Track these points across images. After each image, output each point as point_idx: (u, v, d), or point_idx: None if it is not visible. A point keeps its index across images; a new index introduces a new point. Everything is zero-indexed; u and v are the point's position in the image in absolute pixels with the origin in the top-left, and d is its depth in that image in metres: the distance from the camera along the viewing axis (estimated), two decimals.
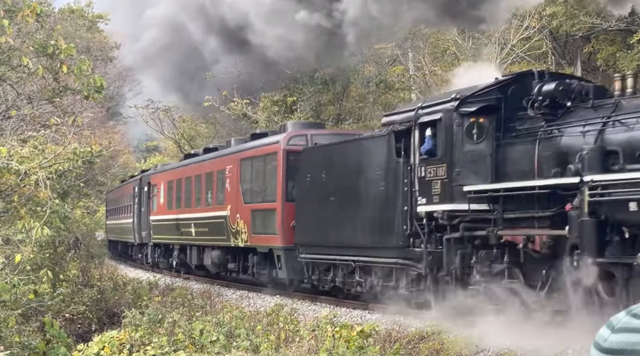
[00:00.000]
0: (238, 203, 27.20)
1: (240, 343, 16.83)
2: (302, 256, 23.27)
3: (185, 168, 34.41)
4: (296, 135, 24.79)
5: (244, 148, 27.78)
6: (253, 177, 26.59)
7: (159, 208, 37.10)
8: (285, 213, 24.23)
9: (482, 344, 15.76)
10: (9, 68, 17.56)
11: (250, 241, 26.25)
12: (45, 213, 14.65)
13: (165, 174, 37.52)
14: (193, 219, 31.79)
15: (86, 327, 23.81)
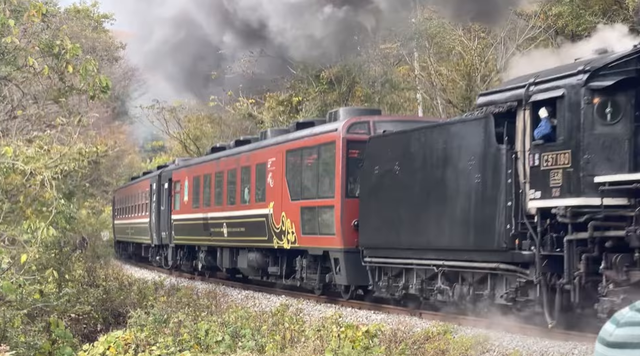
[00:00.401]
0: (284, 200, 24.53)
1: (245, 344, 16.83)
2: (368, 259, 20.45)
3: (215, 162, 31.17)
4: (357, 123, 21.91)
5: (290, 139, 24.72)
6: (303, 171, 23.79)
7: (183, 206, 34.14)
8: (346, 210, 21.41)
9: (488, 344, 15.75)
10: (14, 68, 17.58)
11: (299, 242, 23.50)
12: (50, 214, 14.66)
13: (190, 170, 34.20)
14: (225, 218, 29.01)
15: (92, 327, 23.80)
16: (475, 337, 16.02)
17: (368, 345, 14.75)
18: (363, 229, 20.84)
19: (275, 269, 25.67)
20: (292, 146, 24.53)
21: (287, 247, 24.14)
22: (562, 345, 14.70)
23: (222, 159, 30.39)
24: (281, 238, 24.43)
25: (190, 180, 33.41)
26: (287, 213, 24.16)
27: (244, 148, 28.83)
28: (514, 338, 15.78)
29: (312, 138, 23.40)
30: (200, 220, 31.38)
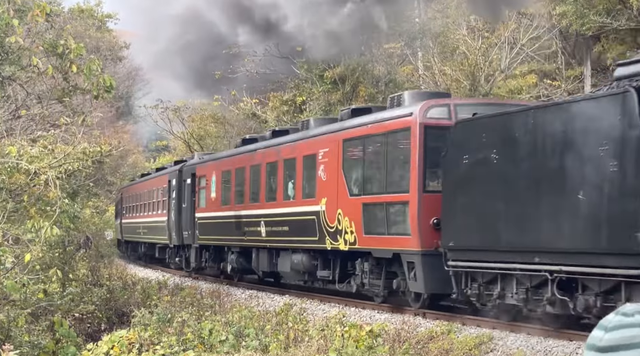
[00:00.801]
0: (340, 196, 21.74)
1: (249, 343, 16.84)
2: (453, 263, 17.49)
3: (250, 155, 28.07)
4: (436, 106, 18.98)
5: (348, 127, 21.81)
6: (366, 162, 20.93)
7: (210, 204, 31.24)
8: (423, 207, 18.53)
9: (492, 344, 15.75)
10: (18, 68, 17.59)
11: (360, 243, 20.68)
12: (54, 213, 14.68)
13: (218, 163, 31.12)
14: (263, 216, 26.24)
15: (95, 326, 23.85)
16: (479, 337, 16.02)
17: (372, 345, 14.75)
18: (447, 228, 17.78)
19: (326, 273, 22.92)
20: (351, 134, 21.59)
21: (344, 248, 21.35)
22: (566, 345, 14.70)
23: (259, 151, 27.34)
24: (336, 239, 21.78)
25: (219, 175, 30.68)
26: (345, 211, 21.46)
27: (286, 138, 25.91)
28: (517, 338, 15.78)
29: (378, 125, 20.31)
30: (232, 218, 28.78)
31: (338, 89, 35.99)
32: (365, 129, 20.93)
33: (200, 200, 32.40)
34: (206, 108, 52.91)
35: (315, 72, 36.65)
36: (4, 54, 16.93)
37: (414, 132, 18.78)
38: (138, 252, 47.29)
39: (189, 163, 35.44)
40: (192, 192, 33.33)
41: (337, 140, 22.13)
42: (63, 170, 15.22)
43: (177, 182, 35.62)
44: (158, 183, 40.13)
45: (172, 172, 37.03)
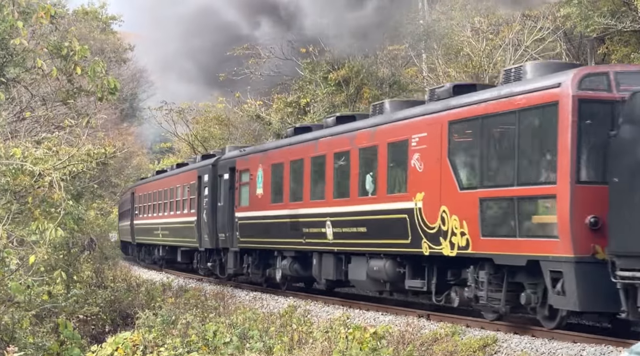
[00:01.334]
0: (445, 190, 18.02)
1: (253, 345, 16.84)
2: (624, 274, 13.90)
3: (310, 145, 24.16)
4: (593, 74, 15.39)
5: (456, 105, 18.04)
6: (485, 147, 17.01)
7: (255, 202, 27.34)
8: (577, 201, 14.78)
9: (496, 346, 15.74)
10: (23, 70, 17.63)
11: (476, 247, 16.96)
12: (59, 215, 14.69)
13: (265, 156, 27.19)
14: (330, 215, 22.47)
15: (100, 328, 23.86)
16: (483, 339, 16.01)
17: (376, 347, 14.74)
18: (617, 229, 14.13)
19: (418, 283, 19.29)
20: (460, 115, 17.79)
21: (450, 253, 17.67)
22: (570, 347, 14.68)
23: (323, 140, 23.35)
24: (437, 242, 18.11)
25: (267, 169, 26.63)
26: (452, 208, 17.72)
27: (361, 124, 22.01)
28: (522, 340, 15.76)
29: (504, 102, 16.53)
30: (285, 218, 25.02)
31: (342, 90, 36.01)
32: (482, 108, 17.15)
33: (242, 197, 28.54)
34: (210, 111, 52.98)
35: (320, 74, 36.67)
36: (8, 55, 16.96)
37: (564, 107, 15.06)
38: (153, 255, 43.49)
39: (226, 156, 31.18)
40: (230, 189, 29.58)
41: (440, 122, 18.29)
42: (67, 172, 15.24)
43: (210, 177, 31.77)
44: (183, 180, 36.11)
45: (204, 167, 32.91)
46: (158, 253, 42.04)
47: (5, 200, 14.68)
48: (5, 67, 17.40)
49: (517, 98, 16.26)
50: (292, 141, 25.80)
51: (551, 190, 15.26)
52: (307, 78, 37.79)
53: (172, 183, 38.57)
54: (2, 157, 14.30)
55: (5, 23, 15.22)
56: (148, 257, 44.94)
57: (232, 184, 29.53)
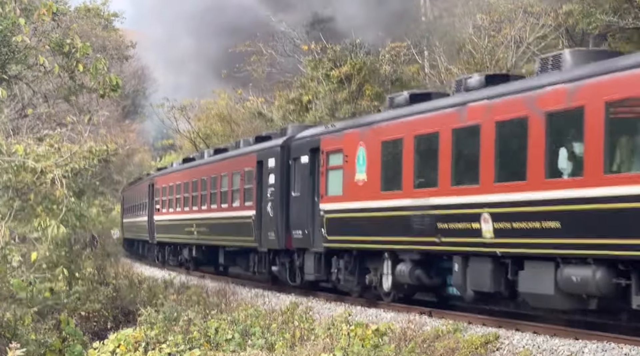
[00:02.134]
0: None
1: (255, 342, 16.85)
2: None
3: (450, 113, 18.61)
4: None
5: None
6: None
7: (353, 190, 21.83)
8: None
9: (498, 343, 15.74)
10: (25, 67, 17.63)
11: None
12: (61, 212, 14.70)
13: (371, 131, 21.50)
14: (489, 206, 17.18)
15: (102, 325, 23.87)
16: (485, 336, 16.02)
17: (378, 344, 14.75)
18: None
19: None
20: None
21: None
22: (572, 344, 14.68)
23: (474, 106, 17.78)
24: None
25: (375, 147, 21.09)
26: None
27: (551, 78, 16.29)
28: (523, 337, 15.77)
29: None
30: (406, 210, 19.68)
31: (344, 87, 36.01)
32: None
33: (331, 185, 23.08)
34: (212, 108, 53.07)
35: (322, 71, 36.68)
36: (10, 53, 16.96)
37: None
38: (180, 257, 37.96)
39: (305, 134, 25.29)
40: (311, 175, 24.17)
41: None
42: (69, 169, 15.26)
43: (278, 162, 26.01)
44: (234, 167, 30.23)
45: (268, 150, 27.11)
46: (189, 254, 36.03)
47: (8, 197, 14.70)
48: (7, 64, 17.40)
49: None
50: (417, 110, 19.96)
51: None
52: (310, 75, 37.81)
53: (214, 171, 32.49)
54: (4, 154, 14.31)
55: (7, 20, 15.23)
56: (174, 259, 38.95)
57: (313, 169, 24.06)
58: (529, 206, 16.16)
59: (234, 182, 29.80)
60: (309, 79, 38.02)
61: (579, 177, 15.18)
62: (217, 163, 32.60)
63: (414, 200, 19.43)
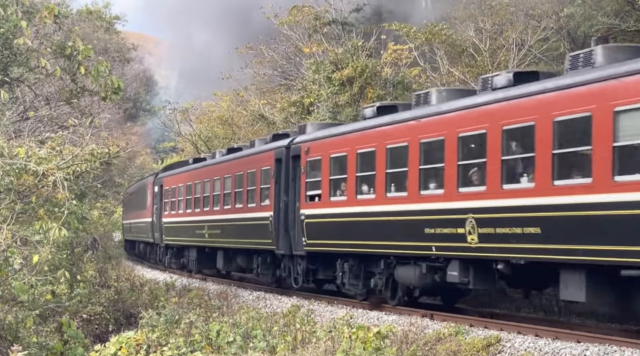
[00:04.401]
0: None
1: (256, 344, 16.84)
2: None
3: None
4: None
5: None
6: None
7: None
8: None
9: (499, 345, 15.73)
10: (27, 69, 17.65)
11: None
12: (63, 214, 14.69)
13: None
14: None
15: (103, 328, 23.86)
16: (487, 338, 16.01)
17: (379, 346, 14.74)
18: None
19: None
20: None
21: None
22: (574, 347, 14.67)
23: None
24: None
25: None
26: None
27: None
28: (525, 339, 15.76)
29: None
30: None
31: (346, 90, 36.01)
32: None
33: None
34: (214, 110, 53.12)
35: (323, 74, 36.68)
36: (12, 55, 16.98)
37: None
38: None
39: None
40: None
41: None
42: (71, 172, 15.25)
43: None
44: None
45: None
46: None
47: (9, 200, 14.70)
48: (9, 66, 17.42)
49: None
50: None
51: None
52: (311, 78, 37.83)
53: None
54: (5, 156, 14.31)
55: (9, 22, 15.25)
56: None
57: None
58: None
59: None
60: (311, 82, 38.03)
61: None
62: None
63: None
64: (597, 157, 14.80)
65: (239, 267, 31.26)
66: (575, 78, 15.73)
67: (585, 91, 15.30)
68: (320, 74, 36.88)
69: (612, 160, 14.45)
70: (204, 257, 34.59)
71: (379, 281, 21.25)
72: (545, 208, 15.75)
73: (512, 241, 16.47)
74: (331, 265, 23.45)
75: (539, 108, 16.04)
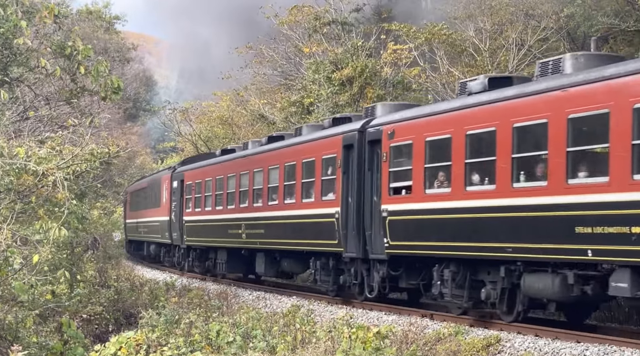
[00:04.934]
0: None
1: (256, 344, 16.84)
2: None
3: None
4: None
5: None
6: None
7: None
8: None
9: (499, 346, 15.73)
10: (27, 69, 17.64)
11: None
12: (62, 214, 14.69)
13: None
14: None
15: (103, 328, 23.86)
16: (486, 338, 16.00)
17: (379, 346, 14.74)
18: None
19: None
20: None
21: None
22: (574, 347, 14.67)
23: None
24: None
25: None
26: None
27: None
28: (525, 339, 15.75)
29: None
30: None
31: (346, 90, 36.00)
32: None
33: None
34: (214, 110, 53.13)
35: (323, 74, 36.68)
36: (12, 55, 16.97)
37: None
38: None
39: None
40: None
41: None
42: (71, 171, 15.24)
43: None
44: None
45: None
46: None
47: (9, 200, 14.70)
48: (9, 66, 17.41)
49: None
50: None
51: None
52: (311, 78, 37.83)
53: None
54: (5, 156, 14.31)
55: (8, 22, 15.24)
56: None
57: None
58: None
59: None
60: (311, 82, 38.03)
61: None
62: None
63: None
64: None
65: (285, 272, 27.78)
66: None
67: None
68: (320, 74, 36.87)
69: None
70: (236, 260, 30.90)
71: (492, 292, 17.60)
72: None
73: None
74: (417, 272, 20.24)
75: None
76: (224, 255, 31.51)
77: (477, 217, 17.44)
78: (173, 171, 39.23)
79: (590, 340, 14.99)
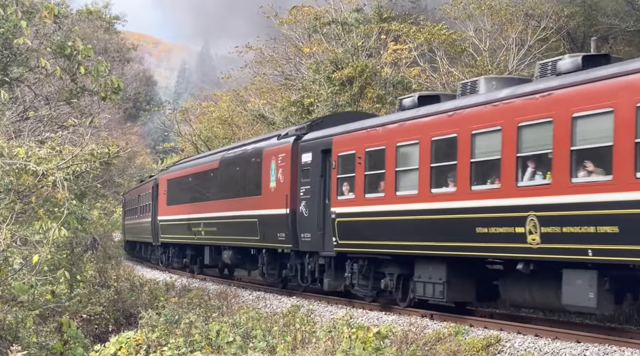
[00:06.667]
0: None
1: (256, 344, 16.83)
2: None
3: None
4: None
5: None
6: None
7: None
8: None
9: (499, 346, 15.73)
10: (27, 69, 17.63)
11: None
12: (62, 214, 14.69)
13: None
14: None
15: (103, 328, 23.85)
16: (486, 338, 16.00)
17: (379, 346, 14.74)
18: None
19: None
20: None
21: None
22: (574, 347, 14.67)
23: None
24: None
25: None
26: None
27: None
28: (525, 339, 15.75)
29: None
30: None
31: (346, 90, 36.00)
32: None
33: None
34: (214, 110, 53.14)
35: (324, 73, 36.68)
36: (12, 55, 16.97)
37: None
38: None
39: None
40: None
41: None
42: (71, 172, 15.24)
43: None
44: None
45: None
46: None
47: (9, 200, 14.69)
48: (9, 66, 17.41)
49: None
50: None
51: None
52: (311, 78, 37.84)
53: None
54: (5, 156, 14.31)
55: (8, 22, 15.24)
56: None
57: None
58: None
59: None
60: (311, 82, 38.04)
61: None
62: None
63: None
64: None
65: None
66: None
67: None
68: (320, 74, 36.87)
69: None
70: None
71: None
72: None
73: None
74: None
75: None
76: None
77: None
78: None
79: (590, 339, 14.99)
